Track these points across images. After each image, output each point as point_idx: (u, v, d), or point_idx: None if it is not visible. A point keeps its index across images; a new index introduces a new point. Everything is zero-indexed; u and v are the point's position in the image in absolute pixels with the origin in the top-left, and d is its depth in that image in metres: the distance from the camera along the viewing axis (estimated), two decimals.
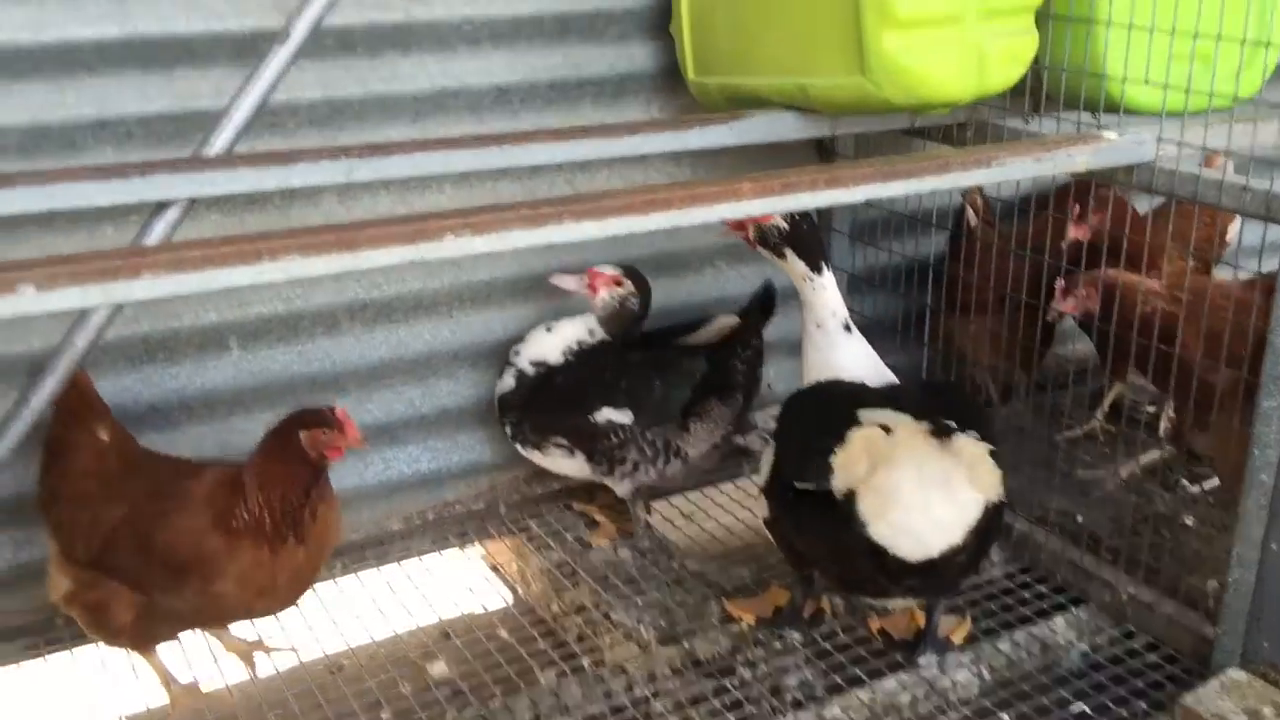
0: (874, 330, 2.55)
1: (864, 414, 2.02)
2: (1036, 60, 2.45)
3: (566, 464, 2.74)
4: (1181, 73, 2.26)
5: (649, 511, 2.88)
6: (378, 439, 2.82)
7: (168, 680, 2.29)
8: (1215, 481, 2.86)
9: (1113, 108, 2.39)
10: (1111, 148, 2.22)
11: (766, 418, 3.06)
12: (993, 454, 1.97)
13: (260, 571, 2.11)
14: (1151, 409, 3.16)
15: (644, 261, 3.02)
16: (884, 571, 2.02)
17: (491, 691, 2.30)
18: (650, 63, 2.88)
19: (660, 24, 2.84)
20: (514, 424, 2.74)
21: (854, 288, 3.11)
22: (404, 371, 2.82)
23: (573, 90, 2.81)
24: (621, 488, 2.74)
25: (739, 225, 2.36)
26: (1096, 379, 3.21)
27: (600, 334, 2.74)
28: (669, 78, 2.88)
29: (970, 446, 1.96)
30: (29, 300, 1.45)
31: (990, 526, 2.04)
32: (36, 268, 1.45)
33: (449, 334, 2.85)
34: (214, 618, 2.25)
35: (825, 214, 3.13)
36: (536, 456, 2.76)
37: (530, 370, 2.73)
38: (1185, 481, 2.91)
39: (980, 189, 3.07)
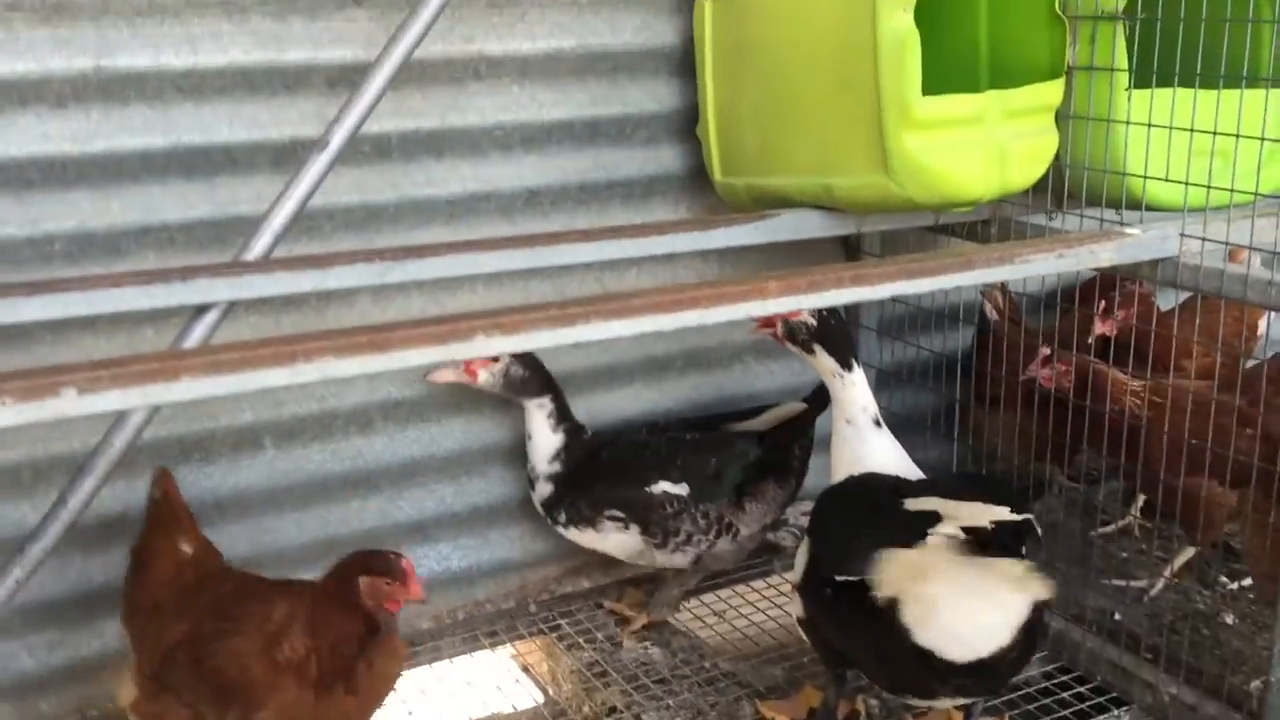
0: (903, 426, 2.56)
1: (910, 503, 2.01)
2: (1058, 158, 2.49)
3: (619, 539, 2.71)
4: (1202, 169, 2.28)
5: (678, 609, 2.87)
6: (410, 537, 2.83)
7: None
8: None
9: (1135, 204, 2.42)
10: (1134, 243, 2.24)
11: (796, 514, 3.05)
12: (1034, 561, 1.89)
13: (304, 711, 2.04)
14: None
15: (673, 358, 3.07)
16: (932, 673, 1.98)
17: None
18: (678, 164, 2.94)
19: (687, 128, 2.91)
20: (568, 507, 2.71)
21: (882, 383, 3.12)
22: (436, 469, 2.84)
23: (603, 192, 2.87)
24: (676, 560, 2.73)
25: (767, 322, 2.38)
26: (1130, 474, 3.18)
27: (548, 402, 2.69)
28: (696, 179, 2.94)
29: (1006, 567, 1.87)
30: (70, 403, 1.48)
31: (1038, 621, 2.01)
32: (78, 371, 1.49)
33: (480, 431, 2.87)
34: None
35: (853, 309, 3.15)
36: (589, 536, 2.73)
37: (559, 469, 2.72)
38: (1224, 578, 2.86)
39: (1002, 285, 3.09)
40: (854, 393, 2.31)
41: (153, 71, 2.39)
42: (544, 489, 2.73)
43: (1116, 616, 2.67)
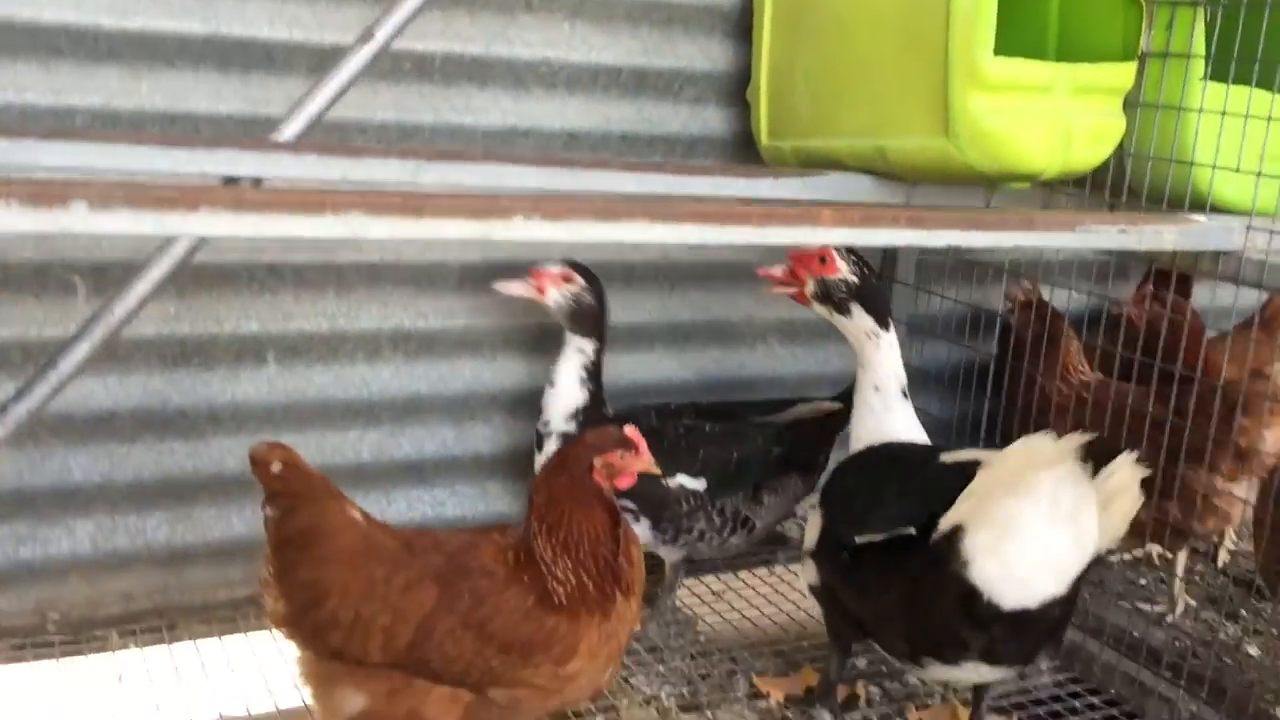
0: (937, 429, 2.42)
1: (947, 455, 1.89)
2: (1121, 148, 2.40)
3: None
4: (1274, 166, 2.19)
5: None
6: (406, 476, 2.71)
7: None
8: None
9: (1199, 202, 2.32)
10: (1200, 230, 2.16)
11: (806, 507, 2.93)
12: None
13: (610, 643, 1.82)
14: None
15: (698, 328, 2.97)
16: (970, 622, 1.83)
17: None
18: (723, 127, 2.86)
19: (735, 90, 2.82)
20: None
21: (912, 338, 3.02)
22: (440, 409, 2.73)
23: (644, 145, 2.78)
24: (673, 555, 2.60)
25: (793, 276, 2.21)
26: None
27: (590, 351, 2.51)
28: (740, 144, 2.86)
29: (1125, 470, 1.72)
30: (80, 218, 1.38)
31: (1084, 581, 1.88)
32: (92, 187, 1.39)
33: (490, 376, 2.76)
34: (560, 703, 1.90)
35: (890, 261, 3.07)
36: None
37: (574, 428, 2.52)
38: (1244, 612, 2.74)
39: (1029, 283, 2.94)
40: (888, 355, 2.18)
41: None
42: (552, 449, 2.51)
43: (1135, 634, 2.54)
